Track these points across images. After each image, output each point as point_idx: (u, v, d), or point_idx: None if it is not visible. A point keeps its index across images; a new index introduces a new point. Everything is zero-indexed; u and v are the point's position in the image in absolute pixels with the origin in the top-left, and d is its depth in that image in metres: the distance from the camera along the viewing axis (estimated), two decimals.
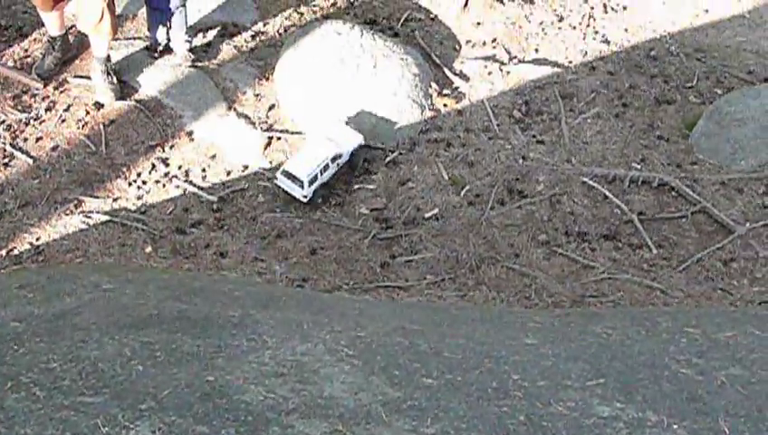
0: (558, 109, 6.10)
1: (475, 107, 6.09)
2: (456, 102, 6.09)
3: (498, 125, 5.93)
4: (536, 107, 6.12)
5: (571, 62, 6.57)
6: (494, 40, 6.69)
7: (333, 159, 5.38)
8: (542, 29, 6.83)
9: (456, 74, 6.35)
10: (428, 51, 6.50)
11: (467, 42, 6.68)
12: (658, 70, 6.54)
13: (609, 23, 6.97)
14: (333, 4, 6.92)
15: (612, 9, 7.10)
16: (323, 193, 5.40)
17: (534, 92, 6.24)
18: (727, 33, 6.97)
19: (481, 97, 6.16)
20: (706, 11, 7.17)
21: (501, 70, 6.39)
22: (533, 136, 5.87)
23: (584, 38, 6.78)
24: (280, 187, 5.38)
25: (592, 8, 7.07)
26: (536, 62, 6.52)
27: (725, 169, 5.64)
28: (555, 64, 6.53)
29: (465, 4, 6.86)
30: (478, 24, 6.81)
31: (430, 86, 6.16)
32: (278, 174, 5.36)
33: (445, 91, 6.17)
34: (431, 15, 6.90)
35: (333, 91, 5.94)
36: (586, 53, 6.64)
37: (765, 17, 7.13)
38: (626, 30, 6.90)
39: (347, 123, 5.66)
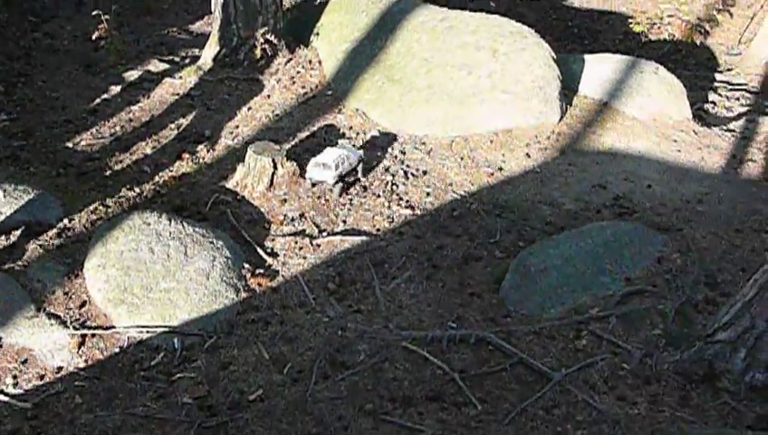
0: (371, 276, 6.38)
1: (290, 283, 6.28)
2: (271, 280, 6.27)
3: (314, 299, 6.14)
4: (350, 277, 6.38)
5: (378, 229, 6.92)
6: (302, 215, 6.98)
7: (347, 157, 7.21)
8: (349, 200, 7.20)
9: (267, 252, 6.56)
10: (239, 232, 6.71)
11: (276, 219, 6.94)
12: (463, 229, 6.98)
13: (411, 188, 7.43)
14: (139, 194, 7.06)
15: (413, 175, 7.59)
16: (341, 184, 7.19)
17: (346, 263, 6.50)
18: (522, 189, 7.56)
19: (294, 272, 6.37)
20: (500, 169, 7.78)
21: (311, 243, 6.66)
22: (350, 306, 6.09)
23: (389, 205, 7.18)
24: (310, 179, 7.18)
25: (393, 176, 7.53)
26: (345, 232, 6.83)
27: (536, 318, 5.95)
28: (364, 233, 6.85)
29: (271, 184, 7.16)
30: (285, 200, 7.10)
31: (243, 267, 6.33)
32: (308, 168, 7.19)
33: (258, 271, 6.35)
34: (238, 197, 7.14)
35: (145, 282, 6.01)
36: (392, 219, 7.03)
37: (554, 171, 7.81)
38: (428, 194, 7.37)
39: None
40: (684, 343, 5.44)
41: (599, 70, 9.14)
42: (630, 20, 11.90)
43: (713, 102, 9.84)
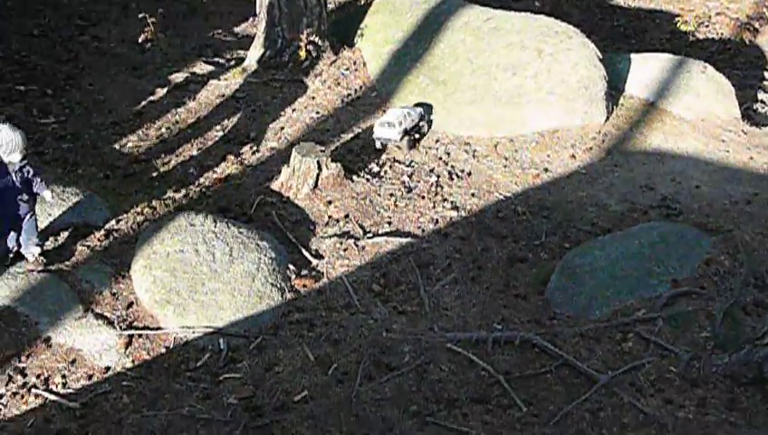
0: (415, 278, 6.40)
1: (335, 284, 6.32)
2: (315, 282, 6.31)
3: (359, 300, 6.17)
4: (394, 278, 6.41)
5: (423, 230, 6.94)
6: (346, 216, 7.03)
7: (407, 115, 7.91)
8: (393, 201, 7.23)
9: (312, 254, 6.61)
10: (284, 233, 6.77)
11: (321, 220, 6.99)
12: (508, 230, 6.98)
13: (456, 189, 7.44)
14: (185, 196, 7.14)
15: (457, 176, 7.60)
16: (408, 137, 7.87)
17: (391, 264, 6.53)
18: (567, 190, 7.54)
19: (339, 274, 6.41)
20: (546, 170, 7.76)
21: (356, 245, 6.69)
22: (394, 307, 6.11)
23: (434, 206, 7.20)
24: (378, 139, 7.94)
25: (438, 177, 7.55)
26: (390, 234, 6.86)
27: (582, 321, 5.94)
28: (408, 235, 6.88)
29: (316, 185, 7.21)
30: (330, 202, 7.15)
31: (288, 268, 6.38)
32: (375, 128, 7.95)
33: (303, 272, 6.40)
34: (283, 199, 7.20)
35: (191, 283, 6.09)
36: (437, 220, 7.05)
37: (600, 171, 7.77)
38: (473, 195, 7.38)
39: None
40: (732, 346, 5.39)
41: (645, 69, 9.08)
42: (677, 18, 11.79)
43: (762, 102, 9.73)
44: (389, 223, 6.99)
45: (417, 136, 8.12)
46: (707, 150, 8.15)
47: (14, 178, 5.88)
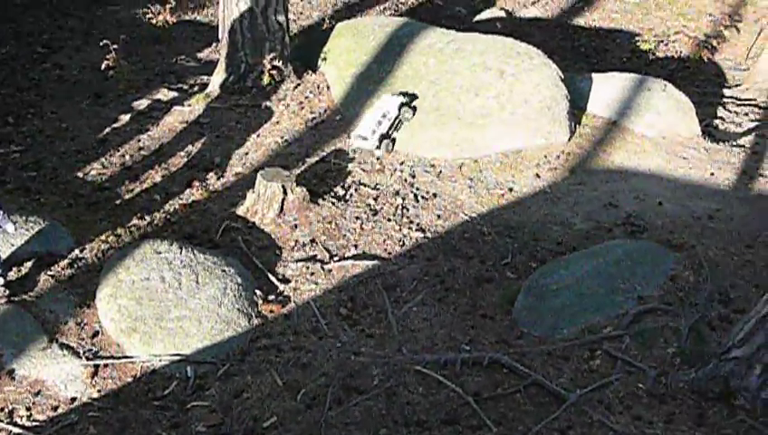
0: (383, 300, 6.41)
1: (302, 308, 6.31)
2: (283, 307, 6.30)
3: (327, 324, 6.16)
4: (362, 301, 6.41)
5: (390, 253, 6.95)
6: (312, 240, 7.02)
7: (384, 116, 8.21)
8: (359, 224, 7.24)
9: (279, 279, 6.60)
10: (250, 258, 6.75)
11: (287, 245, 6.98)
12: (474, 251, 7.00)
13: (421, 211, 7.46)
14: (150, 223, 7.11)
15: (423, 198, 7.62)
16: (386, 141, 8.23)
17: (358, 287, 6.53)
18: (533, 209, 7.58)
19: (306, 298, 6.40)
20: (511, 190, 7.81)
21: (323, 269, 6.69)
22: (362, 330, 6.11)
23: (400, 229, 7.21)
24: (356, 149, 8.27)
25: (404, 199, 7.57)
26: (356, 257, 6.86)
27: (550, 339, 5.97)
28: (375, 257, 6.88)
29: (281, 210, 7.20)
30: (295, 226, 7.14)
31: (255, 294, 6.36)
32: (351, 141, 8.32)
33: (270, 297, 6.38)
34: (249, 224, 7.19)
35: (157, 311, 6.05)
36: (403, 242, 7.06)
37: (564, 190, 7.82)
38: (438, 216, 7.40)
39: None
40: (699, 361, 5.44)
41: (606, 88, 9.17)
42: (637, 37, 11.94)
43: (722, 118, 9.85)
44: (356, 246, 6.99)
45: (394, 135, 8.39)
46: (670, 167, 8.24)
47: None
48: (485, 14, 12.30)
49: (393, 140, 8.32)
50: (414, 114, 8.44)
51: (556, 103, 8.51)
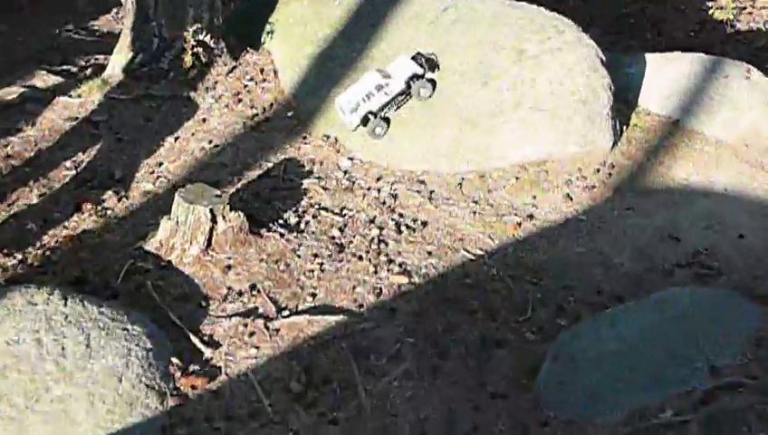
0: (351, 372, 6.42)
1: (237, 383, 6.30)
2: (210, 381, 6.29)
3: (271, 405, 6.15)
4: (321, 373, 6.40)
5: (361, 305, 6.96)
6: (253, 287, 7.03)
7: (378, 88, 8.41)
8: (318, 265, 7.25)
9: (205, 341, 6.59)
10: (164, 312, 6.75)
11: (217, 294, 6.98)
12: (480, 302, 7.01)
13: (406, 246, 7.49)
14: (23, 262, 7.10)
15: (408, 227, 7.66)
16: (375, 121, 8.51)
17: (317, 353, 6.53)
18: (562, 244, 7.62)
19: (243, 369, 6.40)
20: (531, 217, 7.85)
21: (267, 327, 6.69)
22: (322, 414, 6.10)
23: (376, 271, 7.23)
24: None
25: (381, 229, 7.60)
26: (314, 310, 6.87)
27: (586, 427, 6.01)
28: (341, 311, 6.88)
29: (209, 244, 7.21)
30: (229, 267, 7.15)
31: (171, 362, 6.36)
32: (336, 104, 8.58)
33: (192, 367, 6.37)
34: (162, 264, 7.19)
35: (30, 388, 6.03)
36: (380, 290, 7.07)
37: (606, 218, 7.87)
38: (429, 253, 7.43)
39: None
40: None
41: (666, 75, 9.24)
42: (710, 2, 12.04)
43: None
44: (314, 295, 7.01)
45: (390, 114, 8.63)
46: (755, 185, 8.31)
47: None
48: None
49: (387, 122, 8.45)
50: (434, 90, 8.62)
51: (595, 96, 8.58)
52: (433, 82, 8.61)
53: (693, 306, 6.55)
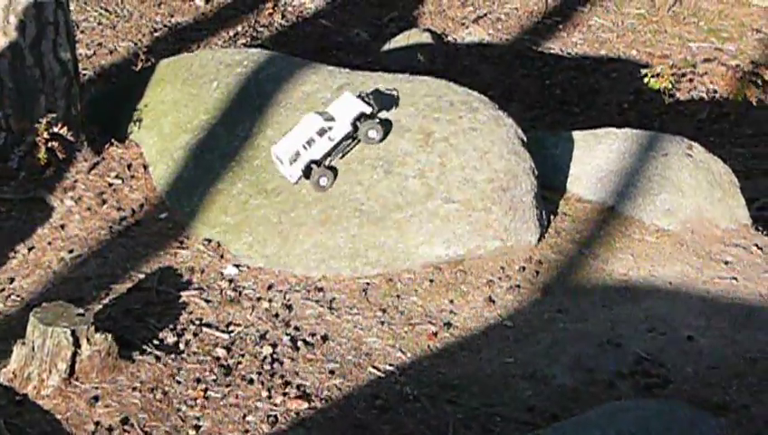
0: None
1: None
2: None
3: None
4: None
5: None
6: (125, 421, 6.98)
7: (321, 133, 8.54)
8: (202, 391, 7.24)
9: None
10: None
11: (83, 431, 6.91)
12: (392, 427, 7.01)
13: (304, 365, 7.49)
14: None
15: (306, 343, 7.68)
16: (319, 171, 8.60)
17: None
18: (485, 355, 7.67)
19: None
20: (448, 325, 7.91)
21: None
22: None
23: (269, 395, 7.23)
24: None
25: (275, 347, 7.61)
26: None
27: None
28: None
29: (71, 372, 7.14)
30: (96, 399, 7.10)
31: None
32: (272, 154, 8.68)
33: None
34: (16, 398, 7.10)
35: None
36: (275, 418, 7.08)
37: (535, 323, 7.96)
38: (332, 372, 7.45)
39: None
40: None
41: (598, 155, 9.37)
42: (645, 70, 12.16)
43: None
44: (197, 427, 6.99)
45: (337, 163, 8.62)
46: (703, 279, 8.44)
47: None
48: (400, 40, 12.59)
49: (334, 171, 8.59)
50: (385, 134, 8.78)
51: (516, 182, 8.74)
52: (386, 122, 8.78)
53: (639, 422, 6.61)
